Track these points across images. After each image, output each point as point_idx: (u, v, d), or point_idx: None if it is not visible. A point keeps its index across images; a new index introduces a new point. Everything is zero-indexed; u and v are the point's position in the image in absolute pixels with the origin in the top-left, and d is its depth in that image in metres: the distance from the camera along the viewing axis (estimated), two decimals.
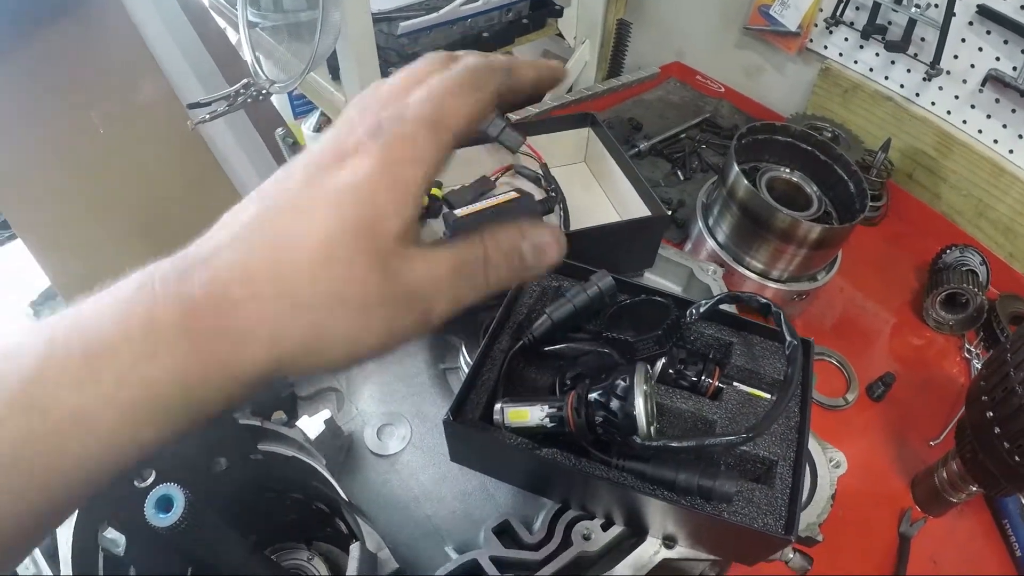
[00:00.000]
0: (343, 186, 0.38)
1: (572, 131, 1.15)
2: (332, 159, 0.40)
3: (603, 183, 1.13)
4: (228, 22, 1.79)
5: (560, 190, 1.07)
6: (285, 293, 0.38)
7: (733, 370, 0.71)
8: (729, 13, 1.83)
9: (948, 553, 1.07)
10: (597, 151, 1.13)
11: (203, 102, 1.20)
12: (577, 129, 1.15)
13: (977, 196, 1.48)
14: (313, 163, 0.40)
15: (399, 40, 1.39)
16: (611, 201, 1.11)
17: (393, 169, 0.39)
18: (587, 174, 1.17)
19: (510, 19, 1.57)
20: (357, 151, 0.39)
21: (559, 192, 1.07)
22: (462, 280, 0.42)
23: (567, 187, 1.10)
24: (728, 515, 0.60)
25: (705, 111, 1.79)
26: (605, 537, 0.69)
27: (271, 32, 1.29)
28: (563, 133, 1.14)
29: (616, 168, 1.06)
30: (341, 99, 1.38)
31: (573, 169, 1.17)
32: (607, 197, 1.12)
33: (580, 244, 0.92)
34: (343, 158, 0.39)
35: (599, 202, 1.12)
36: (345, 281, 0.38)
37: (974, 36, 1.36)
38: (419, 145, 0.40)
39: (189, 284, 0.38)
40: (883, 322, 1.39)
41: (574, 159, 1.18)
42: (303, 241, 0.38)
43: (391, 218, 0.39)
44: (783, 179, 1.25)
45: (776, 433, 0.66)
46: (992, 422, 0.89)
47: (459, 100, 0.42)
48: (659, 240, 1.01)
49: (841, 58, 1.63)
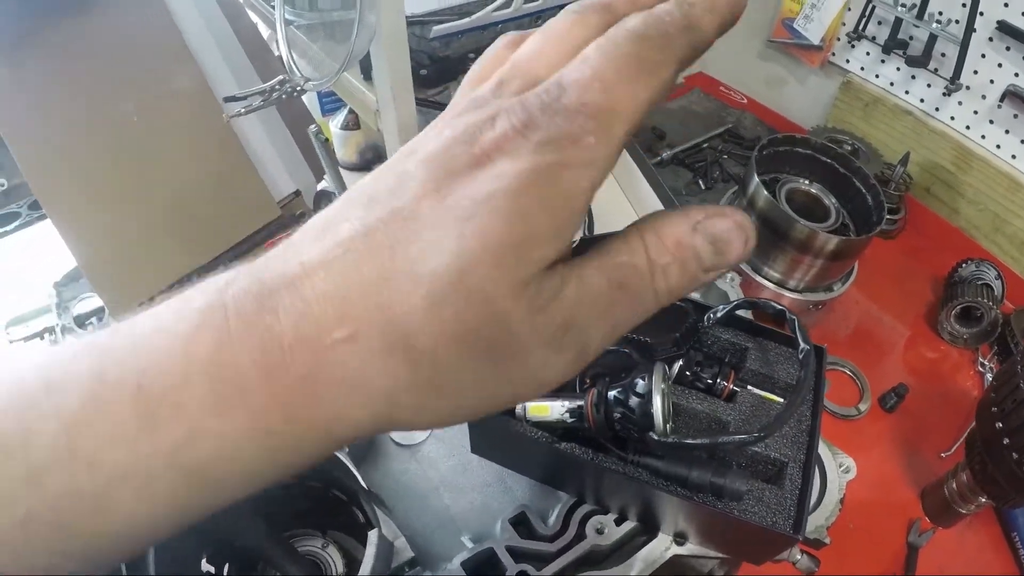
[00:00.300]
0: (484, 197, 0.28)
1: None
2: (465, 159, 0.29)
3: (626, 190, 1.16)
4: (262, 18, 1.82)
5: None
6: (397, 339, 0.29)
7: (748, 374, 0.73)
8: (754, 25, 1.85)
9: (956, 564, 1.08)
10: (623, 159, 1.16)
11: (239, 96, 1.23)
12: None
13: (994, 211, 1.49)
14: (438, 162, 0.29)
15: (431, 43, 1.42)
16: (633, 207, 1.13)
17: (552, 177, 0.28)
18: (611, 182, 1.19)
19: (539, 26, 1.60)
20: (501, 149, 0.28)
21: None
22: (624, 298, 0.31)
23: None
24: (738, 512, 0.62)
25: (728, 121, 1.81)
26: (618, 532, 0.71)
27: (305, 30, 1.32)
28: None
29: (640, 175, 1.09)
30: (372, 99, 1.40)
31: None
32: (630, 204, 1.14)
33: None
34: (481, 158, 0.28)
35: (622, 208, 1.14)
36: (479, 322, 0.28)
37: (993, 52, 1.38)
38: (586, 145, 0.28)
39: (271, 316, 0.29)
40: (898, 334, 1.41)
41: None
42: (425, 269, 0.28)
43: (546, 241, 0.28)
44: (802, 191, 1.27)
45: (788, 436, 0.68)
46: (1001, 433, 0.90)
47: (634, 87, 0.29)
48: None
49: (863, 72, 1.65)
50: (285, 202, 2.07)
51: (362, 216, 0.29)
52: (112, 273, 1.85)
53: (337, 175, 1.19)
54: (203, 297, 0.30)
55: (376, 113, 1.42)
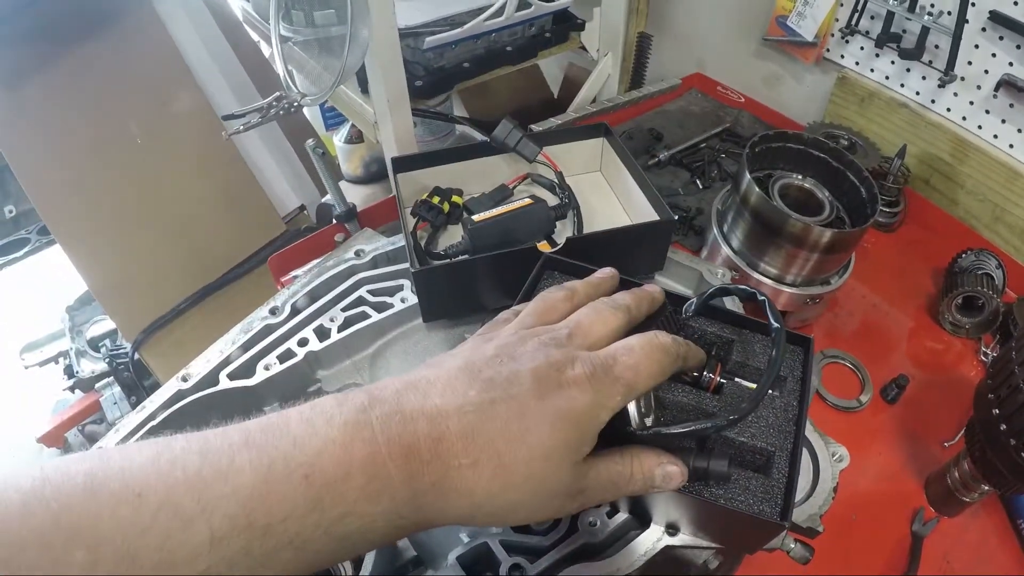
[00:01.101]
0: (566, 411, 0.49)
1: (586, 141, 1.19)
2: (557, 382, 0.50)
3: (617, 191, 1.17)
4: (261, 36, 1.86)
5: (574, 197, 1.11)
6: (501, 474, 0.48)
7: (735, 366, 0.74)
8: (748, 24, 1.87)
9: (961, 552, 1.08)
10: (611, 160, 1.17)
11: (237, 113, 1.26)
12: (591, 139, 1.19)
13: (993, 201, 1.49)
14: (541, 377, 0.50)
15: (425, 55, 1.44)
16: (624, 208, 1.15)
17: (598, 410, 0.51)
18: (603, 183, 1.21)
19: (533, 33, 1.61)
20: (577, 384, 0.50)
21: (573, 199, 1.11)
22: (612, 486, 0.54)
23: (584, 195, 1.14)
24: (724, 501, 0.63)
25: (725, 121, 1.82)
26: (610, 524, 0.72)
27: (303, 46, 1.35)
28: (577, 143, 1.18)
29: (628, 176, 1.10)
30: (370, 111, 1.43)
31: (590, 178, 1.21)
32: (620, 205, 1.16)
33: (593, 247, 0.96)
34: (565, 384, 0.50)
35: (614, 209, 1.16)
36: (549, 478, 0.49)
37: (987, 42, 1.38)
38: (616, 399, 0.52)
39: (413, 437, 0.46)
40: (899, 325, 1.41)
41: (590, 168, 1.22)
42: (527, 441, 0.48)
43: (590, 442, 0.52)
44: (795, 186, 1.27)
45: (774, 425, 0.69)
46: (998, 419, 0.90)
47: (650, 381, 0.54)
48: (668, 243, 1.04)
49: (857, 67, 1.65)
50: (290, 217, 2.11)
51: (486, 389, 0.49)
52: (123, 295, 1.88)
53: (337, 189, 1.21)
54: (346, 414, 0.46)
55: (374, 125, 1.45)
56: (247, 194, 1.92)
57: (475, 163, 1.15)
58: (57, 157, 1.70)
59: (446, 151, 1.15)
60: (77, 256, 1.77)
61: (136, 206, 1.79)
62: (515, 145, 1.11)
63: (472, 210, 1.09)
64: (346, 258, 1.01)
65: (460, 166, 1.15)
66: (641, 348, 0.54)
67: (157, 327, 1.86)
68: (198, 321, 1.88)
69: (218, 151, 1.84)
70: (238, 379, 0.85)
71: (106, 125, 1.74)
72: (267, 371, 0.86)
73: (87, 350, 2.52)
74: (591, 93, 1.92)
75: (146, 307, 1.86)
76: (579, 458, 0.51)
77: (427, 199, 1.09)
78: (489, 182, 1.16)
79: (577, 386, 0.50)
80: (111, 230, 1.78)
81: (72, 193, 1.72)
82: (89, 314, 2.55)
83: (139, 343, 1.86)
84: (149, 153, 1.78)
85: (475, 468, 0.47)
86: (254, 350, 0.88)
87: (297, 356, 0.88)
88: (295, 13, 1.28)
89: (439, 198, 1.09)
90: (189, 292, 1.89)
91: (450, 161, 1.14)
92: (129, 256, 1.81)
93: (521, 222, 1.01)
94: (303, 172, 2.11)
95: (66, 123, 1.69)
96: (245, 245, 1.94)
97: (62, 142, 1.70)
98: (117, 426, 0.83)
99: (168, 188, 1.82)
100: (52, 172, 1.69)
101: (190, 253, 1.87)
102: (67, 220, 1.74)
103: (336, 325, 0.93)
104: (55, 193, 1.71)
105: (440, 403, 0.48)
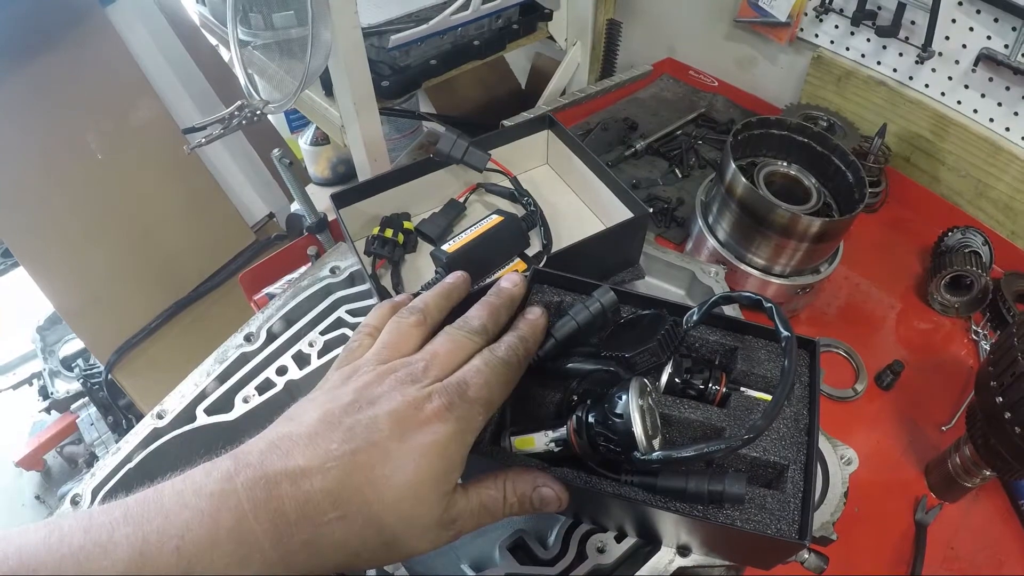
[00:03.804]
0: (429, 444, 0.51)
1: (532, 136, 1.15)
2: (415, 421, 0.51)
3: (570, 181, 1.14)
4: (219, 40, 1.79)
5: (536, 202, 1.07)
6: (372, 521, 0.49)
7: (739, 375, 0.71)
8: (719, 6, 1.83)
9: (965, 538, 1.07)
10: (559, 151, 1.14)
11: (198, 126, 1.20)
12: (536, 133, 1.15)
13: (976, 176, 1.47)
14: (400, 418, 0.51)
15: (391, 53, 1.39)
16: (583, 201, 1.11)
17: (463, 436, 0.53)
18: (552, 175, 1.18)
19: (500, 26, 1.57)
20: (438, 417, 0.52)
21: (535, 204, 1.06)
22: (486, 512, 0.56)
23: (535, 192, 1.10)
24: (741, 523, 0.60)
25: (700, 106, 1.79)
26: (619, 549, 0.69)
27: (263, 50, 1.29)
28: (523, 140, 1.15)
29: (592, 176, 1.06)
30: (336, 115, 1.38)
31: (537, 172, 1.18)
32: (578, 196, 1.12)
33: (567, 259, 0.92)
34: (424, 421, 0.51)
35: (571, 203, 1.12)
36: (421, 513, 0.51)
37: (964, 16, 1.36)
38: (478, 419, 0.54)
39: (279, 500, 0.46)
40: (889, 309, 1.39)
41: (537, 162, 1.19)
42: (394, 483, 0.49)
43: (458, 468, 0.53)
44: (781, 172, 1.24)
45: (786, 436, 0.66)
46: (1002, 407, 0.89)
47: (503, 390, 0.57)
48: (643, 236, 1.00)
49: (832, 46, 1.63)
50: (259, 225, 2.05)
51: (347, 440, 0.50)
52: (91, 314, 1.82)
53: (307, 199, 1.15)
54: (213, 484, 0.46)
55: (341, 128, 1.39)
56: (213, 205, 1.86)
57: (419, 182, 1.10)
58: (15, 177, 1.63)
59: (388, 175, 1.08)
60: (41, 277, 1.71)
61: (99, 223, 1.73)
62: (462, 156, 1.05)
63: (428, 233, 1.04)
64: (321, 276, 0.96)
65: (404, 188, 1.09)
66: (487, 365, 0.56)
67: (129, 346, 1.80)
68: (171, 339, 1.83)
69: (181, 162, 1.78)
70: (216, 414, 0.81)
71: (64, 141, 1.67)
72: (246, 404, 0.82)
73: (60, 370, 2.45)
74: (561, 84, 1.88)
75: (116, 325, 1.80)
76: (448, 488, 0.52)
77: (379, 234, 1.03)
78: (437, 199, 1.11)
79: (439, 419, 0.51)
80: (75, 249, 1.72)
81: (32, 213, 1.66)
82: (60, 333, 2.48)
83: (112, 364, 1.80)
84: (109, 168, 1.71)
85: (344, 521, 0.48)
86: (231, 382, 0.84)
87: (277, 386, 0.84)
88: (253, 16, 1.22)
89: (391, 230, 1.03)
90: (159, 308, 1.83)
91: (394, 185, 1.08)
92: (95, 275, 1.75)
93: (494, 242, 0.97)
94: (270, 179, 2.05)
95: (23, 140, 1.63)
96: (214, 257, 1.88)
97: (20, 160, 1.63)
98: (93, 470, 0.79)
99: (132, 203, 1.76)
100: (10, 193, 1.62)
101: (158, 268, 1.81)
102: (29, 241, 1.67)
103: (316, 350, 0.88)
104: (15, 214, 1.64)
105: (303, 463, 0.48)
